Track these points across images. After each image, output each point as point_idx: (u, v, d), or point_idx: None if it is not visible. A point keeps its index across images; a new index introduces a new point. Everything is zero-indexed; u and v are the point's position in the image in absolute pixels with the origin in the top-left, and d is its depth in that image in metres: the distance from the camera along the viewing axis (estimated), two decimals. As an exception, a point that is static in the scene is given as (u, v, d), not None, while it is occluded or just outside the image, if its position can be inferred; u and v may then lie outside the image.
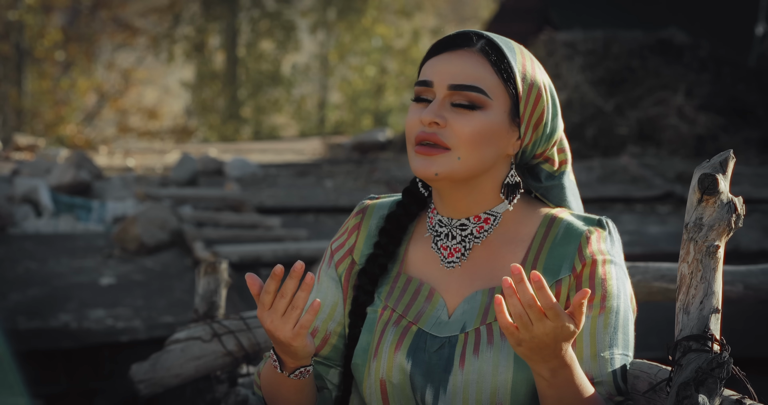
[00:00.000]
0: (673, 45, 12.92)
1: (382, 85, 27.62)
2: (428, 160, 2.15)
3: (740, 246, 7.76)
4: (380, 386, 2.20)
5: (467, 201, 2.21)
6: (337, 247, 2.33)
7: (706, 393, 1.94)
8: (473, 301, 2.20)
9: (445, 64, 2.17)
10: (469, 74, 2.16)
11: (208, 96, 27.33)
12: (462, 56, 2.18)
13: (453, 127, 2.14)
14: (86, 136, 24.96)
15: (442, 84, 2.16)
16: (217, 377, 2.88)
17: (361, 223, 2.32)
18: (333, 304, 2.31)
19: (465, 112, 2.15)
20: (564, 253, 2.18)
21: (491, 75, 2.16)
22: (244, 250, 7.35)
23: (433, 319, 2.20)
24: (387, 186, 10.02)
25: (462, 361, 2.15)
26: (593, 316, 2.15)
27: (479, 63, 2.17)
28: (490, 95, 2.15)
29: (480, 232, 2.22)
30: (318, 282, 2.33)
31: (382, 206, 2.33)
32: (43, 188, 8.83)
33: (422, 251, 2.27)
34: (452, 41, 2.20)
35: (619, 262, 2.20)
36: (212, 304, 2.90)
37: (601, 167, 10.88)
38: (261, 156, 13.31)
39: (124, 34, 26.17)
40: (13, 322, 6.33)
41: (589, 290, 1.97)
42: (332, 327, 2.30)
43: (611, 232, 2.22)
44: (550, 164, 2.26)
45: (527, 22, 14.72)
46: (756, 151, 11.71)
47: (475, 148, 2.15)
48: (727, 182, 2.05)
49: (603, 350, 2.15)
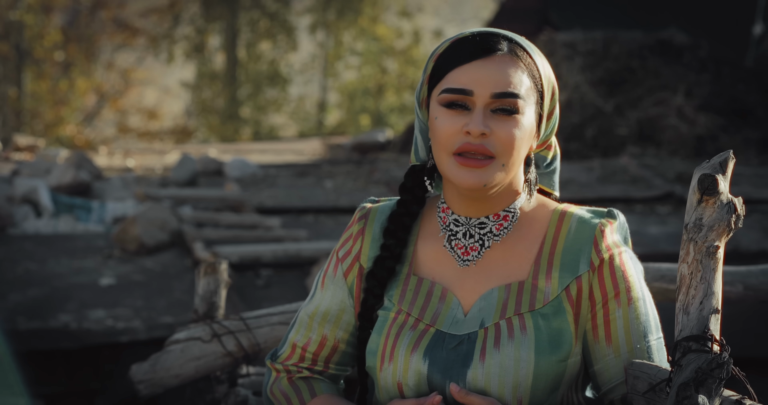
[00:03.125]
0: (672, 45, 12.92)
1: (383, 86, 27.62)
2: (476, 173, 2.15)
3: (740, 246, 7.76)
4: (397, 389, 2.20)
5: (490, 201, 2.22)
6: (343, 254, 2.33)
7: (706, 393, 1.94)
8: (490, 298, 2.20)
9: (484, 72, 2.16)
10: (510, 81, 2.16)
11: (208, 96, 27.34)
12: (498, 63, 2.17)
13: (498, 135, 2.15)
14: (86, 136, 24.96)
15: (485, 93, 2.15)
16: (216, 378, 2.88)
17: (365, 229, 2.32)
18: (341, 310, 2.32)
19: (505, 118, 2.16)
20: (579, 249, 2.20)
21: (525, 78, 2.18)
22: (244, 250, 7.35)
23: (449, 319, 2.21)
24: (387, 186, 10.01)
25: (483, 354, 2.15)
26: (623, 311, 2.19)
27: (514, 68, 2.18)
28: (525, 99, 2.17)
29: (500, 230, 2.23)
30: (323, 289, 2.33)
31: (384, 209, 2.33)
32: (43, 189, 8.82)
33: (432, 250, 2.27)
34: (480, 46, 2.18)
35: (629, 250, 2.24)
36: (212, 304, 2.89)
37: (601, 168, 10.87)
38: (261, 156, 13.31)
39: (123, 35, 26.17)
40: (13, 322, 6.33)
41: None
42: (341, 335, 2.32)
43: (620, 220, 2.25)
44: (547, 150, 2.30)
45: (527, 23, 14.70)
46: (756, 152, 11.71)
47: (516, 153, 2.17)
48: (726, 183, 2.05)
49: (638, 342, 2.19)
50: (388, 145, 13.34)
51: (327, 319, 2.31)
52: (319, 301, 2.33)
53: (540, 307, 2.17)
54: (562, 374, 2.17)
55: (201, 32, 26.92)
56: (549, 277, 2.19)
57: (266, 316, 2.89)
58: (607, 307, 2.19)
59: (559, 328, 2.17)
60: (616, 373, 2.20)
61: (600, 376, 2.21)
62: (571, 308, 2.18)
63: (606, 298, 2.19)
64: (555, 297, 2.18)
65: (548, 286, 2.19)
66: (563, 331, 2.17)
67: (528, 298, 2.18)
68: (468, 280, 2.23)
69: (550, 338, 2.15)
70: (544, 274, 2.19)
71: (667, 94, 12.27)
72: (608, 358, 2.20)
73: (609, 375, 2.21)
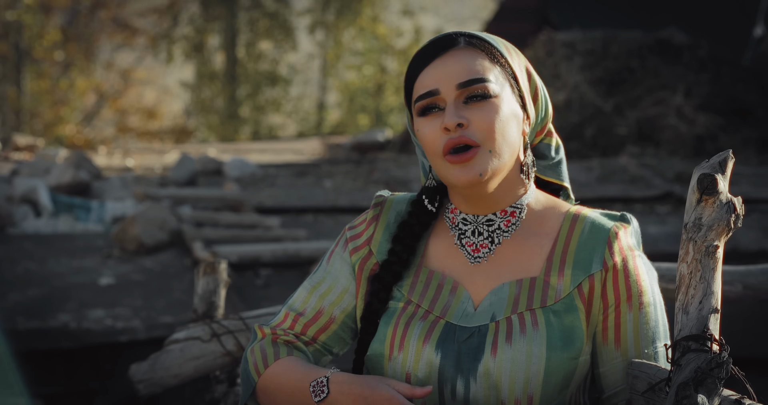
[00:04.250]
0: (672, 45, 12.92)
1: (382, 85, 27.63)
2: (466, 167, 2.15)
3: (739, 246, 7.77)
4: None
5: (494, 197, 2.22)
6: (353, 235, 2.33)
7: (706, 393, 1.94)
8: (501, 293, 2.20)
9: (443, 68, 2.18)
10: (471, 69, 2.17)
11: (207, 96, 27.35)
12: (455, 56, 2.19)
13: (475, 123, 2.15)
14: (85, 136, 24.96)
15: (449, 86, 2.17)
16: (216, 377, 2.88)
17: (380, 216, 2.32)
18: (344, 289, 2.31)
19: (480, 104, 2.16)
20: (593, 248, 2.20)
21: (488, 63, 2.19)
22: (244, 250, 7.36)
23: (459, 312, 2.21)
24: (386, 186, 10.01)
25: (494, 348, 2.15)
26: (634, 315, 2.19)
27: (473, 56, 2.19)
28: (496, 82, 2.18)
29: (508, 226, 2.23)
30: (329, 263, 2.33)
31: (400, 201, 2.33)
32: (42, 188, 8.82)
33: (444, 245, 2.27)
34: (436, 47, 2.21)
35: (643, 255, 2.24)
36: (211, 304, 2.90)
37: (601, 167, 10.87)
38: (260, 156, 13.31)
39: (123, 34, 26.18)
40: (12, 322, 6.33)
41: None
42: (337, 313, 2.30)
43: (634, 225, 2.25)
44: (549, 137, 2.30)
45: (526, 23, 14.71)
46: (755, 151, 11.71)
47: (501, 137, 2.16)
48: (726, 182, 2.05)
49: (647, 347, 2.19)
50: (388, 144, 13.34)
51: (329, 293, 2.30)
52: (323, 275, 2.32)
53: (552, 304, 2.17)
54: (573, 372, 2.16)
55: (200, 32, 26.92)
56: (561, 274, 2.19)
57: (265, 315, 2.89)
58: (618, 309, 2.19)
59: (571, 325, 2.17)
60: (621, 377, 2.20)
61: (605, 378, 2.22)
62: (583, 306, 2.18)
63: (618, 301, 2.19)
64: (567, 294, 2.18)
65: (560, 283, 2.19)
66: (575, 328, 2.17)
67: (540, 295, 2.18)
68: (479, 276, 2.23)
69: (561, 335, 2.15)
70: (557, 272, 2.19)
71: (666, 93, 12.27)
72: (615, 362, 2.20)
73: (614, 378, 2.21)
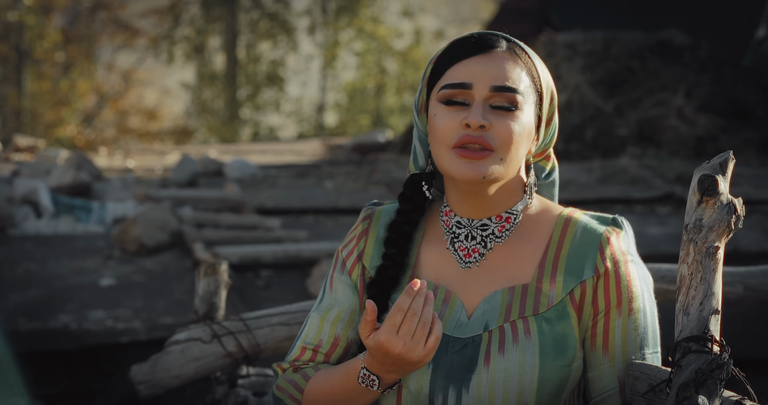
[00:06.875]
0: (672, 46, 12.92)
1: (383, 86, 27.62)
2: (475, 164, 2.15)
3: (740, 247, 7.76)
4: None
5: (490, 201, 2.21)
6: (347, 254, 2.32)
7: (706, 394, 1.94)
8: (493, 301, 2.19)
9: (483, 67, 2.17)
10: (508, 76, 2.17)
11: (208, 97, 27.35)
12: (496, 58, 2.18)
13: (497, 129, 2.15)
14: (86, 137, 24.96)
15: (484, 86, 2.16)
16: (216, 378, 2.88)
17: (369, 229, 2.31)
18: (352, 310, 2.29)
19: (505, 113, 2.16)
20: (584, 254, 2.19)
21: (524, 76, 2.19)
22: (244, 251, 7.35)
23: (453, 322, 2.20)
24: (387, 187, 10.01)
25: (487, 359, 2.14)
26: (623, 321, 2.18)
27: (513, 64, 2.19)
28: (524, 95, 2.18)
29: (501, 232, 2.23)
30: (333, 290, 2.31)
31: (388, 210, 2.33)
32: (43, 189, 8.82)
33: (436, 253, 2.26)
34: (479, 43, 2.19)
35: (637, 260, 2.23)
36: (212, 305, 2.90)
37: (601, 168, 10.86)
38: (261, 157, 13.31)
39: (124, 35, 26.17)
40: (13, 323, 6.33)
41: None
42: (352, 336, 2.29)
43: (626, 229, 2.24)
44: (546, 160, 2.30)
45: (527, 23, 14.70)
46: (756, 152, 11.70)
47: (515, 149, 2.16)
48: (726, 183, 2.05)
49: (634, 353, 2.18)
50: (388, 145, 13.33)
51: (340, 319, 2.28)
52: (330, 303, 2.30)
53: (544, 311, 2.17)
54: (566, 379, 2.16)
55: (201, 33, 26.92)
56: (553, 281, 2.18)
57: (266, 316, 2.89)
58: (608, 315, 2.18)
59: (564, 332, 2.16)
60: (609, 383, 2.19)
61: (593, 383, 2.21)
62: (575, 312, 2.17)
63: (608, 307, 2.18)
64: (559, 301, 2.17)
65: (552, 290, 2.18)
66: (567, 335, 2.16)
67: (532, 302, 2.18)
68: (471, 283, 2.22)
69: (554, 343, 2.15)
70: (549, 278, 2.19)
71: (667, 94, 12.26)
72: (603, 367, 2.19)
73: (602, 384, 2.20)
